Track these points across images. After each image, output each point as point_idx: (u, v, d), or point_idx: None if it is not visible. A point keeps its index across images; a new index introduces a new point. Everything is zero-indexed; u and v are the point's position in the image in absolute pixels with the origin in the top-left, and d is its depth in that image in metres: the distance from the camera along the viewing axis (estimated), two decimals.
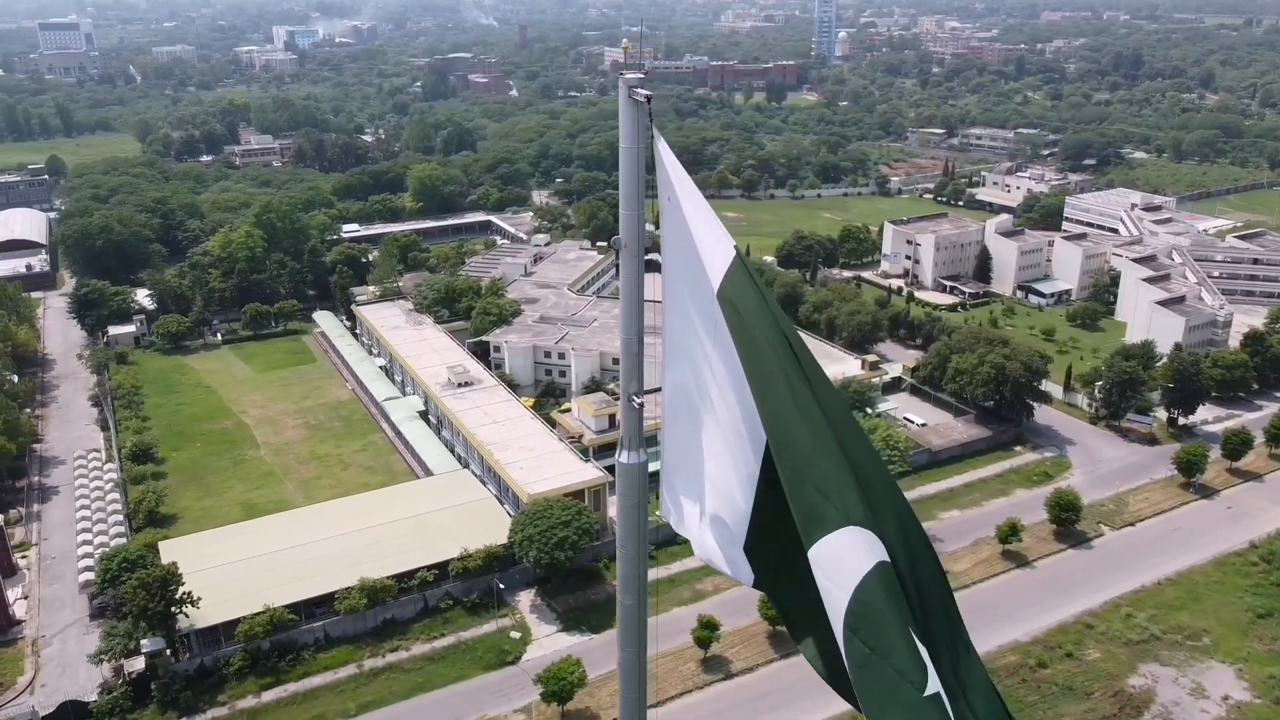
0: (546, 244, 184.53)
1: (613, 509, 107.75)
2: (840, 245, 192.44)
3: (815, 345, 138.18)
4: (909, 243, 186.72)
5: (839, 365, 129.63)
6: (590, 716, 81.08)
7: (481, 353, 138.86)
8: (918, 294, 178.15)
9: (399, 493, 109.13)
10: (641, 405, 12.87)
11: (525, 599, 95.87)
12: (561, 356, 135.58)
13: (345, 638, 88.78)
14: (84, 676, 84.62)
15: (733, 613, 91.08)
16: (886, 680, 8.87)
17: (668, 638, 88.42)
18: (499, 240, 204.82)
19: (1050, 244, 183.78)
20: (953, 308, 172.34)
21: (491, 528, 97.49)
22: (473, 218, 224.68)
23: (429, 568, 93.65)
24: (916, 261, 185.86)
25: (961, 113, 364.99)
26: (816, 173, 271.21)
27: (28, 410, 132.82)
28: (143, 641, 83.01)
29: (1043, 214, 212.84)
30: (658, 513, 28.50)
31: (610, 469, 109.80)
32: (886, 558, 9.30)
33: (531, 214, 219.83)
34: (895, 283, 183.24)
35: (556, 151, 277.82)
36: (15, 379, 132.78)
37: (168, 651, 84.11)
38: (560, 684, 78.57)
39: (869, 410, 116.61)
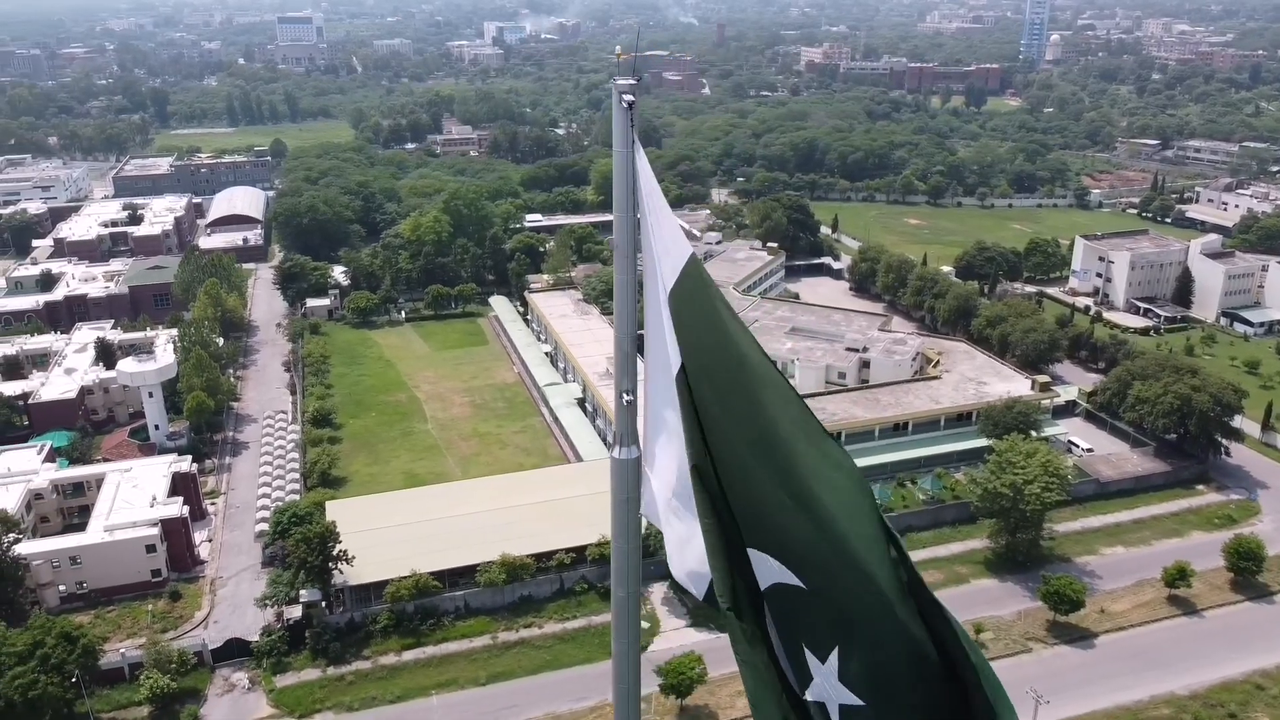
0: (717, 242, 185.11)
1: None
2: (1025, 259, 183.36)
3: (981, 362, 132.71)
4: (1101, 259, 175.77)
5: (1005, 384, 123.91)
6: (709, 714, 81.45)
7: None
8: (1106, 315, 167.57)
9: (548, 475, 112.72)
10: (632, 402, 13.36)
11: (657, 591, 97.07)
12: None
13: (483, 609, 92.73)
14: (250, 618, 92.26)
15: None
16: (763, 680, 9.98)
17: None
18: None
19: (1264, 269, 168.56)
20: (1145, 331, 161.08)
21: None
22: None
23: (567, 550, 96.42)
24: (1108, 280, 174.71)
25: (1180, 123, 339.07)
26: (1010, 181, 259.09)
27: (230, 371, 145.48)
28: (302, 592, 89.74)
29: (1261, 236, 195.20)
30: None
31: None
32: (783, 580, 9.87)
33: (708, 212, 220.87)
34: (1082, 301, 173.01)
35: (740, 151, 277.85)
36: (221, 342, 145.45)
37: (323, 604, 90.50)
38: (680, 678, 79.39)
39: (1033, 433, 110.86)
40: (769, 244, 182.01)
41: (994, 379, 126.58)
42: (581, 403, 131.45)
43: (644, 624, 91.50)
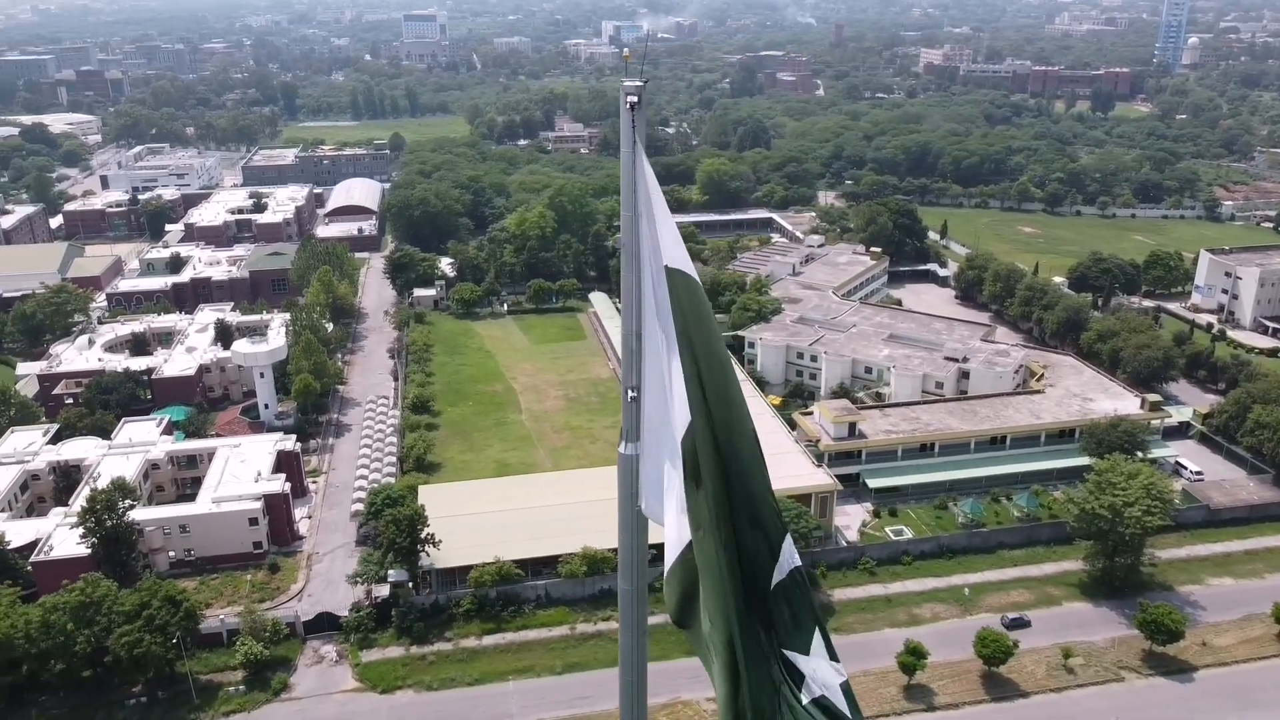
0: (820, 245, 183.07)
1: (839, 517, 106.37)
2: (1145, 272, 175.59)
3: (1089, 377, 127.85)
4: (1227, 275, 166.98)
5: (1113, 401, 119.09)
6: None
7: (735, 347, 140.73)
8: (1231, 333, 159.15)
9: None
10: (636, 399, 13.71)
11: None
12: (814, 359, 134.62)
13: (563, 599, 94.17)
14: (341, 594, 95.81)
15: (946, 644, 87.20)
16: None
17: (874, 657, 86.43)
18: (775, 238, 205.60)
19: None
20: (1272, 352, 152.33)
21: None
22: (755, 214, 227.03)
23: (650, 546, 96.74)
24: (1234, 297, 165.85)
25: None
26: (1134, 190, 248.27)
27: (338, 355, 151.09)
28: (390, 572, 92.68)
29: None
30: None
31: (843, 477, 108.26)
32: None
33: (813, 214, 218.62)
34: (1204, 319, 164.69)
35: (850, 153, 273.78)
36: (330, 327, 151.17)
37: (410, 584, 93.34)
38: None
39: (1139, 454, 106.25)
40: (873, 248, 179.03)
41: (1101, 396, 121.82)
42: None
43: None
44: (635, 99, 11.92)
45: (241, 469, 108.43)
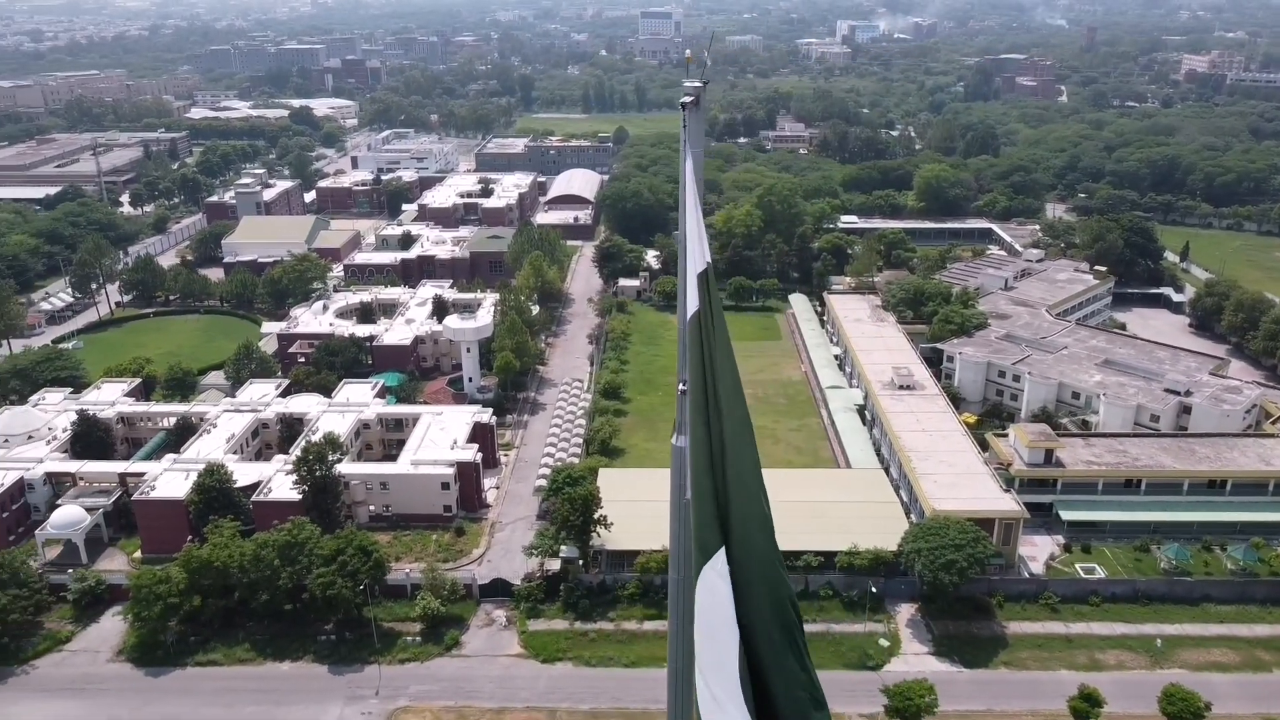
0: (1039, 260, 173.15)
1: (1025, 547, 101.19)
2: None
3: None
4: None
5: None
6: None
7: (934, 359, 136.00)
8: None
9: (813, 477, 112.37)
10: (685, 392, 14.50)
11: (905, 611, 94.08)
12: (1016, 379, 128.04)
13: None
14: (517, 563, 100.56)
15: (1127, 695, 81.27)
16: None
17: (1044, 698, 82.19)
18: (991, 249, 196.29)
19: None
20: None
21: (888, 532, 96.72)
22: (973, 223, 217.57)
23: (816, 553, 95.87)
24: None
25: None
26: None
27: (541, 337, 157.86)
28: (562, 548, 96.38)
29: None
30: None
31: (1034, 506, 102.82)
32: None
33: (1036, 227, 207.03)
34: None
35: (1087, 164, 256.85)
36: (535, 310, 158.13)
37: (580, 562, 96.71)
38: (907, 703, 76.94)
39: None
40: (1097, 267, 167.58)
41: None
42: (861, 410, 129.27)
43: (884, 642, 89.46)
44: (690, 99, 12.43)
45: (440, 436, 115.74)
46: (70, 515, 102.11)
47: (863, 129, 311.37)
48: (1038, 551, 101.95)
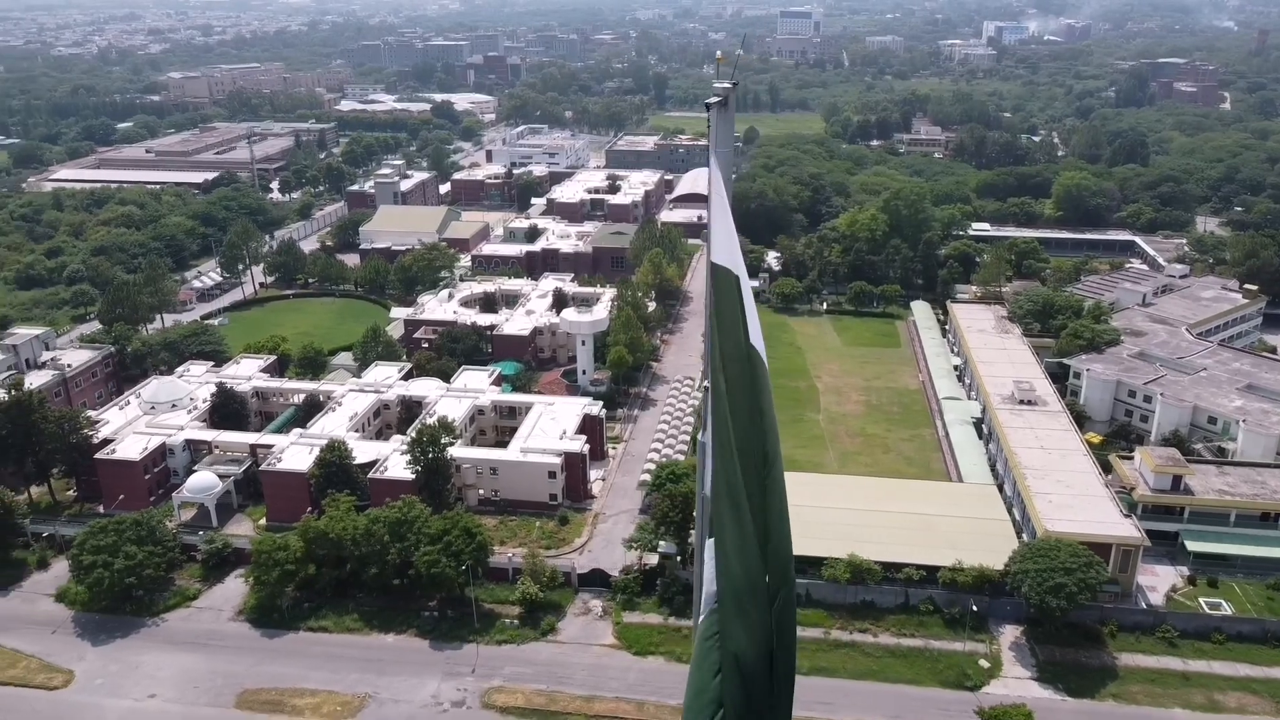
0: (1182, 275, 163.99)
1: (1145, 576, 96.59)
2: None
3: None
4: None
5: None
6: None
7: (1058, 376, 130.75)
8: None
9: (922, 489, 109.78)
10: (708, 389, 15.01)
11: (1010, 633, 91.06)
12: (1147, 399, 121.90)
13: (822, 602, 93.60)
14: (616, 555, 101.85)
15: None
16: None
17: None
18: (1131, 263, 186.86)
19: None
20: None
21: (995, 550, 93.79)
22: (1114, 235, 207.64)
23: (919, 567, 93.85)
24: None
25: None
26: None
27: (656, 333, 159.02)
28: (660, 543, 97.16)
29: None
30: None
31: (1157, 534, 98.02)
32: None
33: (1183, 240, 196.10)
34: None
35: (1246, 176, 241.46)
36: (652, 306, 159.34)
37: (677, 558, 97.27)
38: None
39: None
40: (1248, 285, 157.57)
41: None
42: (978, 423, 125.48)
43: (984, 663, 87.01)
44: (719, 100, 12.77)
45: (550, 426, 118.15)
46: (204, 481, 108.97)
47: (1001, 133, 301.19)
48: (1158, 582, 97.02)
